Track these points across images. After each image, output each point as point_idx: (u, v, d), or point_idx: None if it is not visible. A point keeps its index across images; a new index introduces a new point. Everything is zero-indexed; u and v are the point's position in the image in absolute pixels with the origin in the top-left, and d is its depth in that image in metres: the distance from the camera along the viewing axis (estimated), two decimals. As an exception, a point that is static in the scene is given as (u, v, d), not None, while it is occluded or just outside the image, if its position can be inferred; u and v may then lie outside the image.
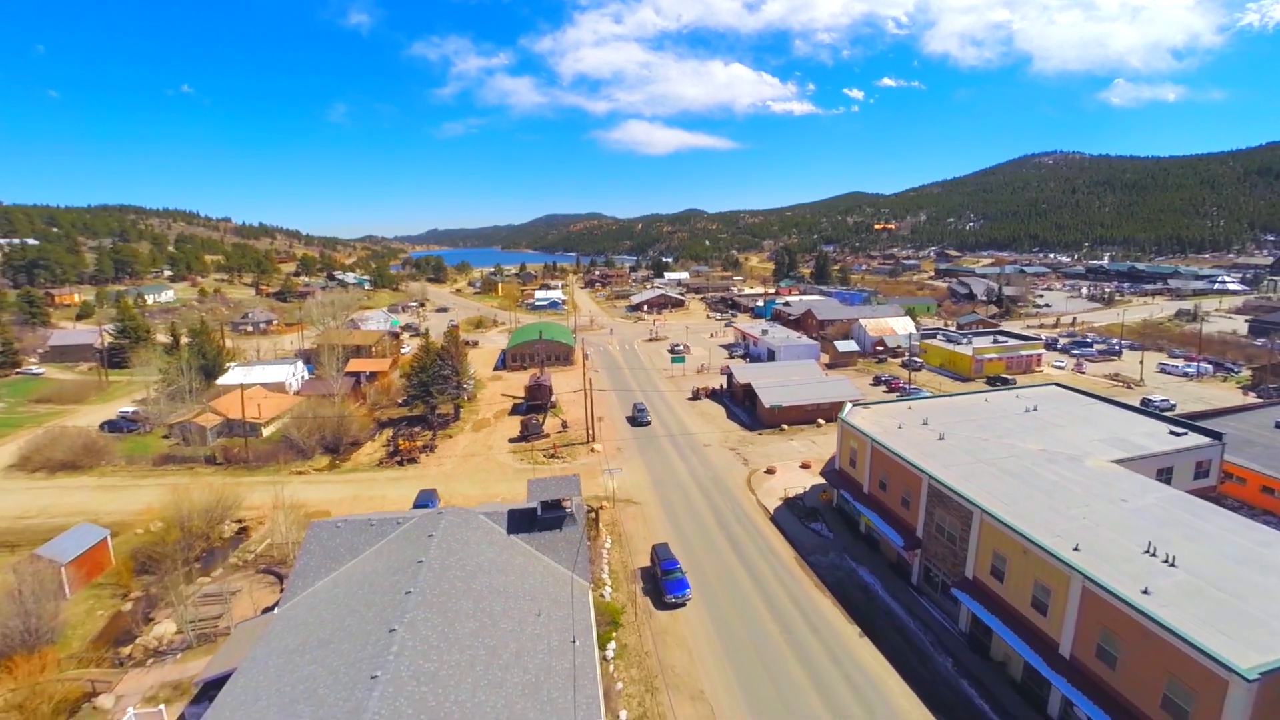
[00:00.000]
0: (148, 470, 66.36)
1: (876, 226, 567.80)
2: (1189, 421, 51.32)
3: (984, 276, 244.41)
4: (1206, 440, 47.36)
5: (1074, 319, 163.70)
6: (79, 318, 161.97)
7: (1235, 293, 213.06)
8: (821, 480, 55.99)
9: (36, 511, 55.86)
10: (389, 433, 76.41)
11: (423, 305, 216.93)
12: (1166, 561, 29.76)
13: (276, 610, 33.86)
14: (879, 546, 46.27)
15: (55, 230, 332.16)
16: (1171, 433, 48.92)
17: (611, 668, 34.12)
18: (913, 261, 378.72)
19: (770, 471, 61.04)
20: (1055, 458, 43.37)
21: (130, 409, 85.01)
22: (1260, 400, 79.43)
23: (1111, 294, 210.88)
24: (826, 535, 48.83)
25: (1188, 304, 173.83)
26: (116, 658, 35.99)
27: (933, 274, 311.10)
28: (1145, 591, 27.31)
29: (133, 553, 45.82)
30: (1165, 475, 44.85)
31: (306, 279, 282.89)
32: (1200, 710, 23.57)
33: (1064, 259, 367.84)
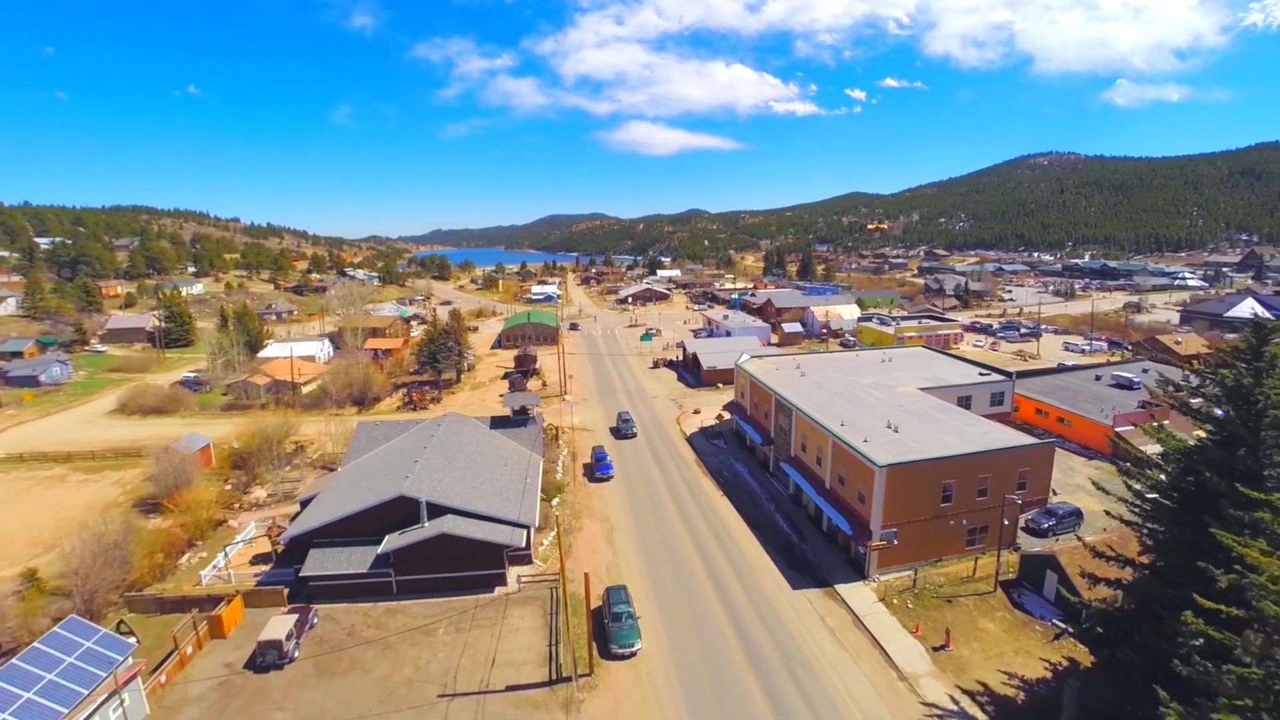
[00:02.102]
0: (218, 414, 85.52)
1: (870, 226, 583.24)
2: (993, 367, 68.78)
3: (962, 274, 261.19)
4: (999, 378, 65.10)
5: (1020, 309, 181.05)
6: (125, 306, 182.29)
7: (1192, 288, 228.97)
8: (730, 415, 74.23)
9: (144, 438, 74.77)
10: (403, 391, 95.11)
11: (428, 299, 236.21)
12: (894, 430, 47.81)
13: (339, 470, 52.52)
14: (755, 452, 64.40)
15: (82, 230, 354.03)
16: (980, 374, 66.65)
17: (554, 508, 52.46)
18: (901, 260, 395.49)
19: (697, 412, 79.42)
20: (877, 386, 61.43)
21: (192, 374, 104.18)
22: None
23: (1074, 289, 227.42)
24: (722, 447, 67.16)
25: (1137, 298, 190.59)
26: (231, 507, 54.68)
27: (916, 272, 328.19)
28: (865, 441, 45.33)
29: (228, 456, 64.53)
30: (966, 402, 62.37)
31: (320, 275, 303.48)
32: (865, 492, 41.76)
33: (1047, 258, 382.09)
